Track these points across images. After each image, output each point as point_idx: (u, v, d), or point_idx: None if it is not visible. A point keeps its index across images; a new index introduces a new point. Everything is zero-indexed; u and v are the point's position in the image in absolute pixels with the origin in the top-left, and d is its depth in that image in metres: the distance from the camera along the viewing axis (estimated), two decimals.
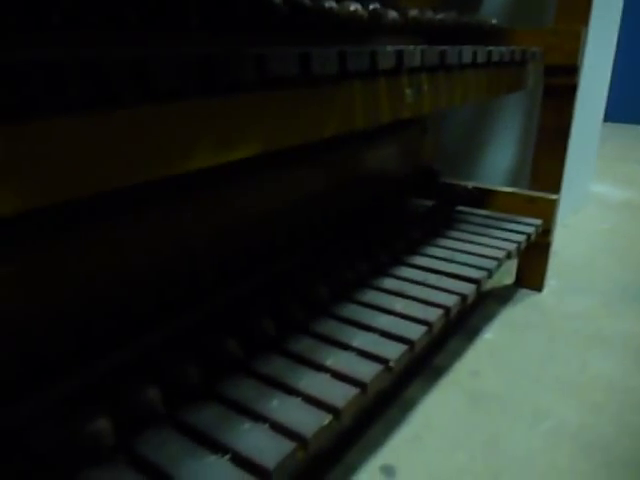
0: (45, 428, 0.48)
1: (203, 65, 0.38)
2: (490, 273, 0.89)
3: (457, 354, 0.98)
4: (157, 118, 0.36)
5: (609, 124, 3.23)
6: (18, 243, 0.54)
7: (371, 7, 0.67)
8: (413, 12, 0.77)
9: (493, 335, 1.05)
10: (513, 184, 1.35)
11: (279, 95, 0.45)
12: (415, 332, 0.70)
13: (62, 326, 0.59)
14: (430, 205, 1.20)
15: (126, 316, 0.65)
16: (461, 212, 1.19)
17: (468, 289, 0.83)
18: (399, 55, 0.58)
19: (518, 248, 1.02)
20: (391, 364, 0.63)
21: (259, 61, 0.42)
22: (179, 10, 0.55)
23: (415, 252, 0.96)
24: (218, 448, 0.50)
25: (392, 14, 0.71)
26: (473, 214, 1.17)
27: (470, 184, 1.24)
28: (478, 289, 0.85)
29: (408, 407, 0.84)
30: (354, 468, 0.72)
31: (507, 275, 1.27)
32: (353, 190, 1.09)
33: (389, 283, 0.84)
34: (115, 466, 0.48)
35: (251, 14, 0.56)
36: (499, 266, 0.93)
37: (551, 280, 1.27)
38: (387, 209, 1.16)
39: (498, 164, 1.39)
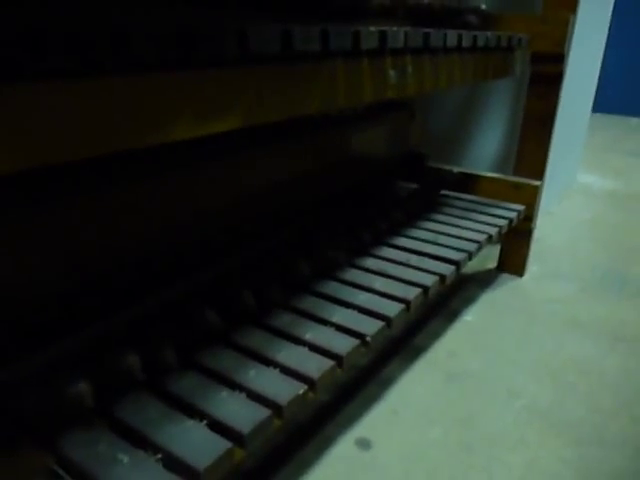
0: (27, 392, 0.49)
1: (185, 38, 0.39)
2: (470, 255, 0.91)
3: (436, 335, 1.01)
4: (138, 88, 0.37)
5: (598, 115, 3.25)
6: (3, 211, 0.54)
7: None
8: None
9: (472, 317, 1.07)
10: (499, 170, 1.36)
11: (260, 70, 0.46)
12: (392, 309, 0.71)
13: (46, 296, 0.60)
14: (415, 188, 1.22)
15: (111, 288, 0.66)
16: (446, 196, 1.21)
17: (447, 270, 0.84)
18: (382, 36, 0.59)
19: (499, 232, 1.03)
20: (367, 339, 0.65)
21: (241, 36, 0.43)
22: None
23: (398, 233, 0.98)
24: (196, 414, 0.52)
25: None
26: (458, 198, 1.19)
27: (456, 169, 1.25)
28: (457, 270, 0.87)
29: (386, 384, 0.86)
30: (331, 440, 0.74)
31: (490, 260, 1.29)
32: (340, 172, 1.10)
33: (371, 263, 0.86)
34: (94, 428, 0.49)
35: None
36: (480, 249, 0.95)
37: (533, 266, 1.29)
38: (373, 191, 1.17)
39: (485, 150, 1.40)
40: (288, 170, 0.96)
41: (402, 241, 0.95)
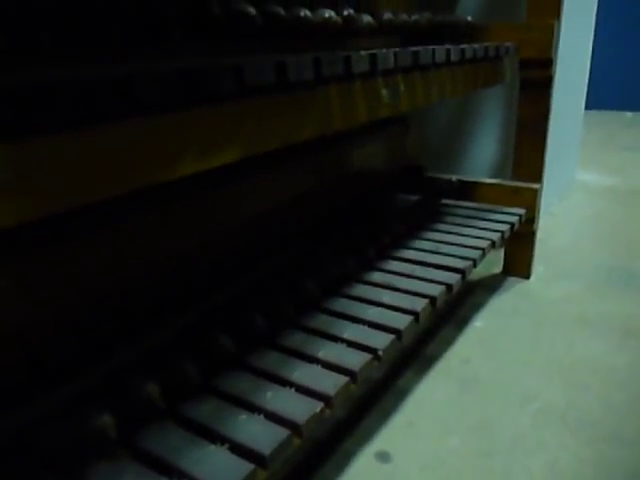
0: (51, 426, 0.51)
1: (185, 79, 0.41)
2: (475, 263, 0.92)
3: (448, 343, 1.01)
4: (144, 130, 0.39)
5: (593, 112, 3.27)
6: (20, 251, 0.56)
7: (345, 13, 0.70)
8: (387, 15, 0.80)
9: (482, 323, 1.08)
10: (498, 175, 1.38)
11: (257, 102, 0.48)
12: (402, 322, 0.73)
13: (65, 329, 0.61)
14: (416, 199, 1.23)
15: (126, 318, 0.68)
16: (446, 205, 1.22)
17: (453, 279, 0.86)
18: (373, 58, 0.61)
19: (502, 237, 1.05)
20: (379, 353, 0.66)
21: (237, 72, 0.45)
22: (163, 25, 0.58)
23: (401, 245, 0.99)
24: (217, 438, 0.53)
25: (366, 18, 0.73)
26: (458, 206, 1.21)
27: (455, 177, 1.27)
28: (463, 278, 0.88)
29: (401, 396, 0.87)
30: (351, 455, 0.75)
31: (495, 265, 1.30)
32: (340, 188, 1.12)
33: (377, 276, 0.87)
34: (119, 459, 0.51)
35: (229, 25, 0.59)
36: (484, 256, 0.97)
37: (538, 267, 1.30)
38: (374, 205, 1.19)
39: (482, 157, 1.42)
40: (289, 190, 0.98)
41: (406, 253, 0.96)
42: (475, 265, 0.92)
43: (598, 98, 3.14)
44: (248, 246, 0.89)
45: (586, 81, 2.00)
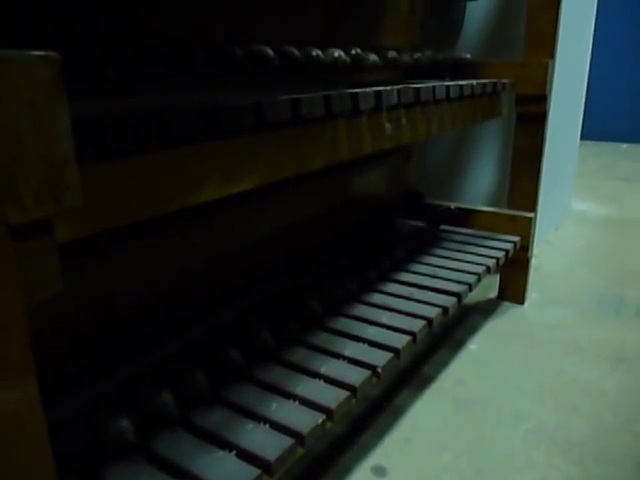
0: (72, 428, 0.55)
1: (212, 114, 0.46)
2: (470, 287, 0.96)
3: (443, 364, 1.05)
4: (175, 160, 0.44)
5: (589, 142, 3.35)
6: None
7: (353, 52, 0.75)
8: (392, 54, 0.86)
9: (477, 345, 1.12)
10: (494, 203, 1.43)
11: (273, 136, 0.53)
12: (400, 341, 0.77)
13: (84, 339, 0.66)
14: (415, 225, 1.28)
15: (141, 331, 0.72)
16: (445, 231, 1.27)
17: (449, 302, 0.90)
18: (378, 96, 0.66)
19: (497, 263, 1.09)
20: (378, 370, 0.70)
21: (257, 109, 0.50)
22: (192, 61, 0.64)
23: (401, 269, 1.04)
24: (225, 445, 0.57)
25: (372, 57, 0.79)
26: (456, 232, 1.25)
27: (453, 204, 1.32)
28: (459, 302, 0.93)
29: (398, 413, 0.91)
30: (348, 469, 0.78)
31: (491, 289, 1.35)
32: (343, 213, 1.17)
33: (377, 298, 0.91)
34: (135, 462, 0.54)
35: (249, 64, 0.65)
36: (479, 280, 1.01)
37: (532, 293, 1.34)
38: (375, 230, 1.24)
39: (479, 185, 1.48)
40: (295, 214, 1.02)
41: (405, 276, 1.00)
42: (471, 289, 0.97)
43: (594, 129, 3.23)
44: (255, 266, 0.93)
45: (581, 112, 2.07)
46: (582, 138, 2.14)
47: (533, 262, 1.30)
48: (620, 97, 3.71)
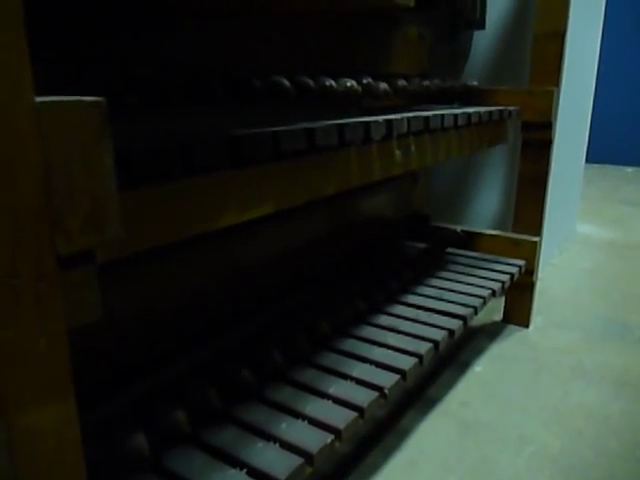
0: (89, 443, 0.56)
1: (231, 145, 0.48)
2: (476, 310, 0.98)
3: (448, 386, 1.06)
4: (199, 187, 0.46)
5: (595, 166, 3.38)
6: None
7: (364, 81, 0.78)
8: (401, 82, 0.88)
9: (482, 368, 1.13)
10: (499, 227, 1.45)
11: (288, 165, 0.55)
12: (407, 363, 0.78)
13: (98, 356, 0.67)
14: (422, 247, 1.30)
15: (154, 349, 0.74)
16: (451, 253, 1.29)
17: (455, 325, 0.91)
18: (389, 125, 0.69)
19: (502, 287, 1.11)
20: (385, 391, 0.71)
21: (274, 138, 0.52)
22: (214, 89, 0.67)
23: (408, 291, 1.05)
24: (236, 463, 0.58)
25: (383, 86, 0.82)
26: (462, 255, 1.27)
27: (459, 227, 1.34)
28: (465, 324, 0.94)
29: (403, 435, 0.92)
30: None
31: (496, 312, 1.36)
32: (351, 235, 1.19)
33: (384, 320, 0.93)
34: (149, 478, 0.56)
35: (268, 93, 0.67)
36: (484, 304, 1.02)
37: (537, 316, 1.36)
38: (382, 252, 1.26)
39: (485, 208, 1.50)
40: (302, 236, 1.05)
41: (412, 298, 1.02)
42: (476, 312, 0.98)
43: (599, 152, 3.25)
44: (263, 287, 0.95)
45: (587, 136, 2.10)
46: (587, 161, 2.16)
47: (538, 285, 1.31)
48: (625, 120, 3.74)
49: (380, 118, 0.68)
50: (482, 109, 0.98)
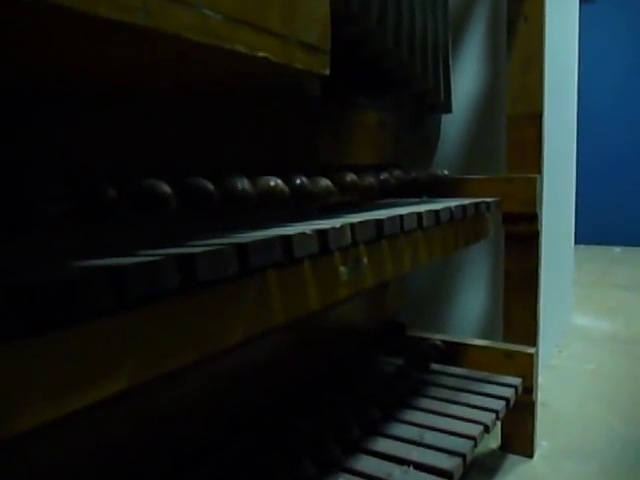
0: None
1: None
2: (465, 459, 0.76)
3: None
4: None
5: (580, 246, 3.25)
6: None
7: (297, 181, 0.61)
8: (351, 177, 0.72)
9: None
10: (488, 332, 1.25)
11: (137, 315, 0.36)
12: None
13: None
14: (396, 366, 1.09)
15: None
16: (431, 371, 1.07)
17: None
18: (323, 238, 0.50)
19: (497, 417, 0.89)
20: None
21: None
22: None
23: (376, 432, 0.83)
24: None
25: (324, 183, 0.65)
26: (444, 373, 1.06)
27: (440, 337, 1.14)
28: None
29: None
30: None
31: (493, 438, 1.13)
32: (318, 350, 0.99)
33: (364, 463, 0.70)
34: None
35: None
36: (476, 446, 0.80)
37: (542, 441, 1.12)
38: (348, 372, 1.04)
39: (469, 311, 1.30)
40: (268, 351, 0.84)
41: (383, 445, 0.79)
42: (465, 462, 0.76)
43: (585, 232, 3.12)
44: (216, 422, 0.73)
45: (573, 220, 1.96)
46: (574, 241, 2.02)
47: (539, 396, 1.09)
48: (611, 199, 3.65)
49: (309, 230, 0.49)
50: (454, 203, 0.82)
